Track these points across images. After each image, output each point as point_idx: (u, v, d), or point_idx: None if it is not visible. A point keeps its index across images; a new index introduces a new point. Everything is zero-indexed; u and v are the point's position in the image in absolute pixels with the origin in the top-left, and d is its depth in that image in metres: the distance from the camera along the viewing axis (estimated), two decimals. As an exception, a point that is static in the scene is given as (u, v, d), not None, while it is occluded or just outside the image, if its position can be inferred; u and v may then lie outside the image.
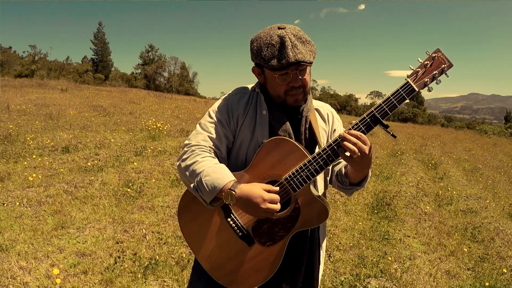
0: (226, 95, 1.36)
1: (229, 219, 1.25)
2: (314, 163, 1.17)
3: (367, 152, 1.12)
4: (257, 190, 1.13)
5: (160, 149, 7.13)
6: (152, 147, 7.13)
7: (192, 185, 1.19)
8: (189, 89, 54.52)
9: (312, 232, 1.35)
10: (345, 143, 1.11)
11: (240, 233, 1.25)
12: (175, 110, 15.19)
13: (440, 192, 6.22)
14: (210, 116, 1.31)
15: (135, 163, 5.84)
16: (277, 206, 1.14)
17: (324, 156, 1.17)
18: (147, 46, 59.34)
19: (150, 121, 10.18)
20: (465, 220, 4.87)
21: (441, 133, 20.90)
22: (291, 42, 1.15)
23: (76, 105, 12.85)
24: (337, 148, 1.15)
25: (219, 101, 1.34)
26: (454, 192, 6.27)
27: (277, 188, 1.18)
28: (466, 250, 3.82)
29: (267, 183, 1.22)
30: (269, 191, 1.15)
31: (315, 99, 1.44)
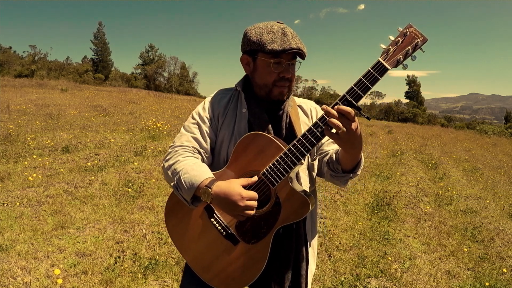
0: (208, 97, 1.41)
1: (212, 219, 1.26)
2: (290, 155, 1.15)
3: (352, 127, 1.07)
4: (236, 187, 1.13)
5: (160, 149, 7.13)
6: (152, 147, 7.13)
7: (172, 184, 1.21)
8: (189, 89, 54.50)
9: (297, 228, 1.34)
10: (330, 119, 1.07)
11: (224, 233, 1.25)
12: (175, 110, 15.19)
13: (440, 192, 6.22)
14: (193, 118, 1.35)
15: (135, 163, 5.84)
16: (255, 203, 1.14)
17: (299, 146, 1.14)
18: (147, 46, 59.35)
19: (150, 121, 10.18)
20: (465, 220, 4.87)
21: (441, 133, 20.90)
22: (291, 33, 1.22)
23: (76, 105, 12.85)
24: (323, 126, 1.11)
25: (202, 103, 1.39)
26: (454, 192, 6.27)
27: (255, 179, 1.19)
28: (466, 250, 3.83)
29: None
30: (247, 185, 1.16)
31: (315, 99, 1.44)
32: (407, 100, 59.67)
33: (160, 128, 9.12)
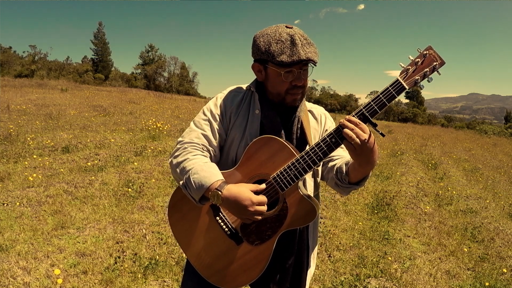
0: (220, 93, 1.38)
1: (217, 218, 1.26)
2: (302, 162, 1.16)
3: (365, 139, 1.07)
4: (246, 192, 1.13)
5: (160, 149, 7.13)
6: (152, 147, 7.12)
7: (181, 182, 1.20)
8: (189, 89, 54.49)
9: (300, 233, 1.35)
10: (344, 130, 1.08)
11: (229, 232, 1.25)
12: (175, 110, 15.19)
13: (440, 192, 6.22)
14: (204, 114, 1.32)
15: (135, 163, 5.84)
16: (265, 208, 1.14)
17: (312, 154, 1.15)
18: (147, 46, 59.30)
19: (150, 121, 10.18)
20: (465, 220, 4.87)
21: (441, 133, 20.90)
22: (300, 41, 1.17)
23: (76, 105, 12.85)
24: (338, 138, 1.13)
25: (214, 100, 1.35)
26: (454, 192, 6.27)
27: (264, 186, 1.19)
28: (466, 250, 3.82)
29: (255, 182, 1.22)
30: (256, 191, 1.16)
31: (315, 99, 1.44)
32: (407, 100, 59.71)
33: (160, 128, 9.12)
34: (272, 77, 1.24)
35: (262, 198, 1.14)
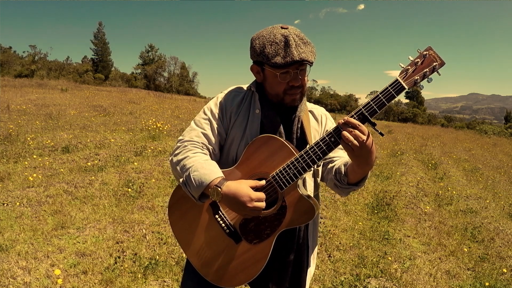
0: (221, 93, 1.39)
1: (217, 216, 1.27)
2: (301, 161, 1.17)
3: (363, 140, 1.07)
4: (245, 188, 1.14)
5: (160, 149, 7.13)
6: (152, 147, 7.13)
7: (181, 180, 1.21)
8: (189, 89, 54.51)
9: (300, 232, 1.35)
10: (343, 132, 1.09)
11: (228, 230, 1.26)
12: (175, 110, 15.20)
13: (440, 192, 6.22)
14: (204, 113, 1.33)
15: (135, 163, 5.84)
16: (264, 204, 1.15)
17: (311, 154, 1.16)
18: (147, 46, 59.33)
19: (150, 121, 10.19)
20: (465, 220, 4.87)
21: (441, 133, 20.91)
22: (294, 41, 1.17)
23: (76, 105, 12.86)
24: (337, 138, 1.13)
25: (214, 99, 1.37)
26: (454, 192, 6.27)
27: (263, 182, 1.20)
28: (466, 250, 3.83)
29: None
30: (255, 187, 1.17)
31: (315, 99, 1.44)
32: (407, 100, 59.80)
33: (160, 128, 9.12)
34: (269, 78, 1.25)
35: (261, 194, 1.15)
